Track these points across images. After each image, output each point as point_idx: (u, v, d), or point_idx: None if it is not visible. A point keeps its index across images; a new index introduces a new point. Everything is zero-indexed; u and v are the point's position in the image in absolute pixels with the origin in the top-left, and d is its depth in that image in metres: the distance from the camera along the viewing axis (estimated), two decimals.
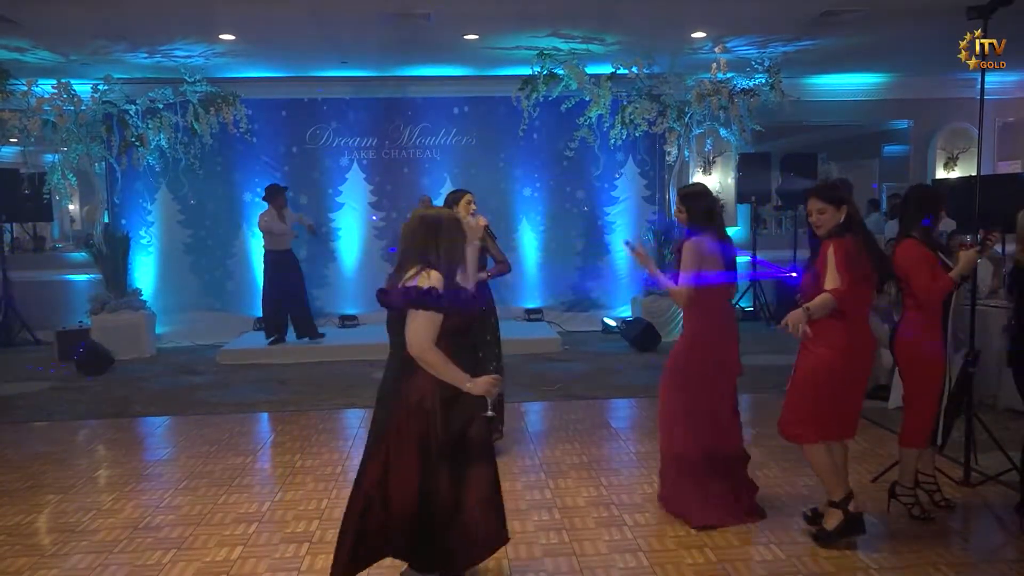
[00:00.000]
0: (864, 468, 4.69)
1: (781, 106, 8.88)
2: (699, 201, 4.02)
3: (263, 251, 8.89)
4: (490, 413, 2.88)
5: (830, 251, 3.59)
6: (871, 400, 6.22)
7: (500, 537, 2.99)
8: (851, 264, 3.54)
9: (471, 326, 2.95)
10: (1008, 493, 4.17)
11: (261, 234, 8.85)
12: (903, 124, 11.47)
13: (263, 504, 4.35)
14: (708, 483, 3.95)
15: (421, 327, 2.75)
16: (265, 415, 6.34)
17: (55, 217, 10.93)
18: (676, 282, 3.92)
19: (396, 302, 2.80)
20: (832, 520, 3.67)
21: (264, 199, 8.86)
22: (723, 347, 3.99)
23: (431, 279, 2.77)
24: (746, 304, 10.37)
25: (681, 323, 4.13)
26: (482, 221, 4.81)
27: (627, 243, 4.49)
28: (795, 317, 3.40)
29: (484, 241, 4.84)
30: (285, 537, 3.91)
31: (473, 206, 4.87)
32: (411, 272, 2.82)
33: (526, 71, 8.76)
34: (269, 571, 3.54)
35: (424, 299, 2.73)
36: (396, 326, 2.85)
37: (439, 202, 8.65)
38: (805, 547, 3.65)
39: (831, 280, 3.54)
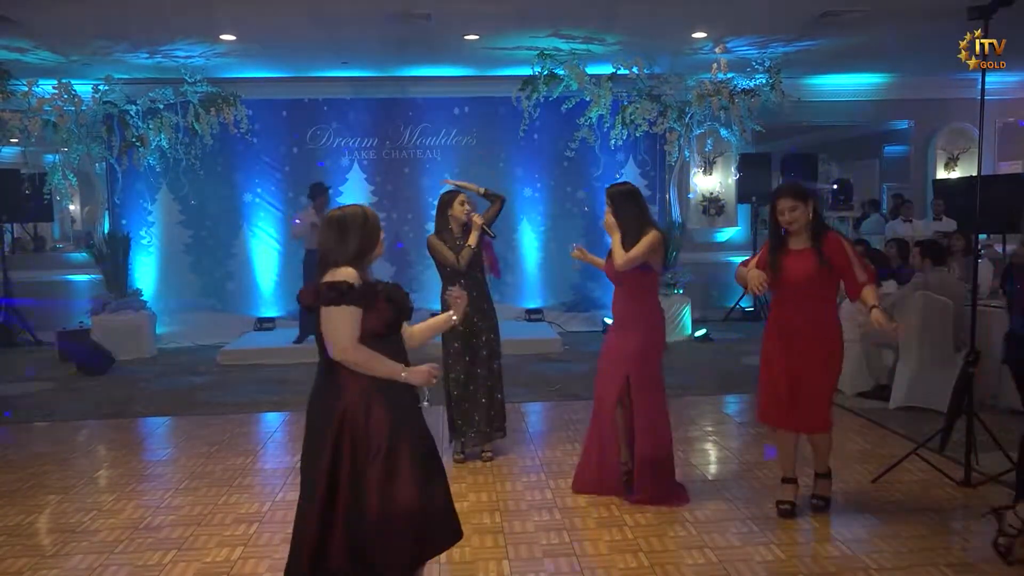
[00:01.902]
0: (864, 468, 4.68)
1: (781, 106, 8.88)
2: (632, 202, 4.15)
3: (303, 251, 8.74)
4: (425, 404, 2.77)
5: (844, 245, 3.77)
6: (871, 400, 6.24)
7: (423, 550, 2.68)
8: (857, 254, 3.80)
9: (394, 326, 2.72)
10: (1009, 493, 4.16)
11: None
12: (903, 124, 11.47)
13: (264, 504, 4.35)
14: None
15: (339, 324, 2.56)
16: (265, 415, 6.34)
17: (56, 217, 10.92)
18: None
19: (307, 299, 2.64)
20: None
21: (309, 196, 8.90)
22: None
23: (342, 274, 2.60)
24: (746, 304, 10.37)
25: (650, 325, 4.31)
26: (477, 220, 4.83)
27: (573, 248, 4.57)
28: (883, 320, 3.61)
29: (474, 241, 4.84)
30: (286, 537, 3.87)
31: (467, 206, 4.89)
32: (327, 274, 2.65)
33: (526, 71, 8.76)
34: (270, 571, 3.54)
35: (333, 292, 2.56)
36: (318, 332, 2.65)
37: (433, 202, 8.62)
38: (805, 547, 3.65)
39: (861, 272, 3.72)
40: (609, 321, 9.74)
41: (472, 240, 4.83)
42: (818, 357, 3.79)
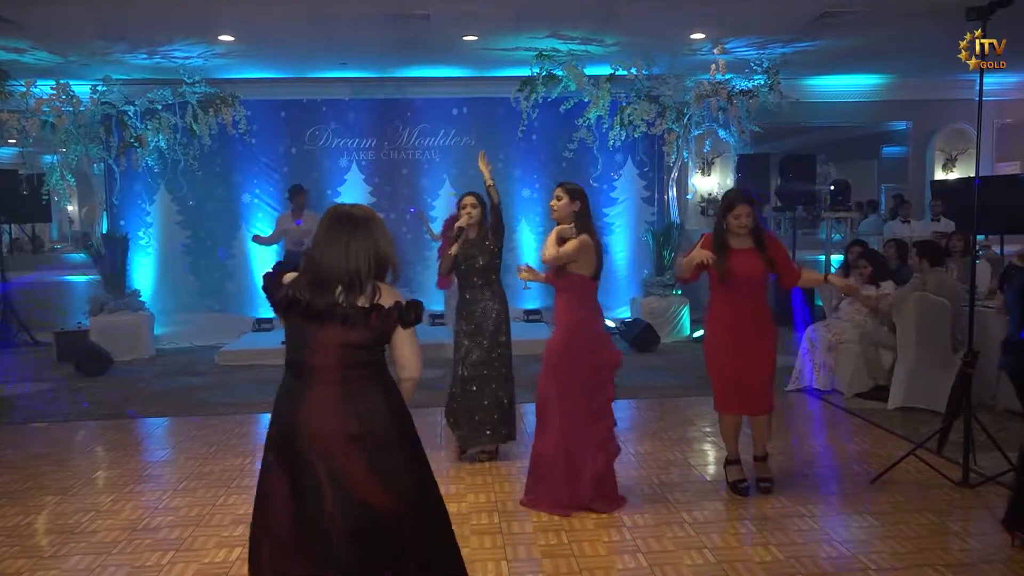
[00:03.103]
0: (863, 469, 4.69)
1: (780, 107, 8.87)
2: (585, 200, 4.18)
3: (284, 252, 8.85)
4: None
5: (780, 244, 4.38)
6: (869, 401, 6.25)
7: None
8: None
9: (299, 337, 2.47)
10: (1008, 494, 4.17)
11: (268, 234, 8.86)
12: (902, 125, 11.48)
13: None
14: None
15: (416, 344, 2.57)
16: (264, 416, 6.32)
17: (54, 218, 10.93)
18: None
19: (389, 322, 2.50)
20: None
21: (288, 198, 9.00)
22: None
23: (390, 291, 2.50)
24: None
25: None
26: (462, 222, 4.87)
27: (519, 267, 4.44)
28: (841, 282, 4.47)
29: (455, 250, 4.85)
30: None
31: (469, 210, 4.89)
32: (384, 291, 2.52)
33: (525, 72, 8.76)
34: None
35: (414, 314, 2.50)
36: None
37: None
38: (805, 548, 3.65)
39: (794, 264, 4.36)
40: (609, 323, 9.82)
41: (453, 249, 4.87)
42: (762, 346, 4.21)
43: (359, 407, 2.41)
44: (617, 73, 8.71)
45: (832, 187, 11.29)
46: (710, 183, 10.65)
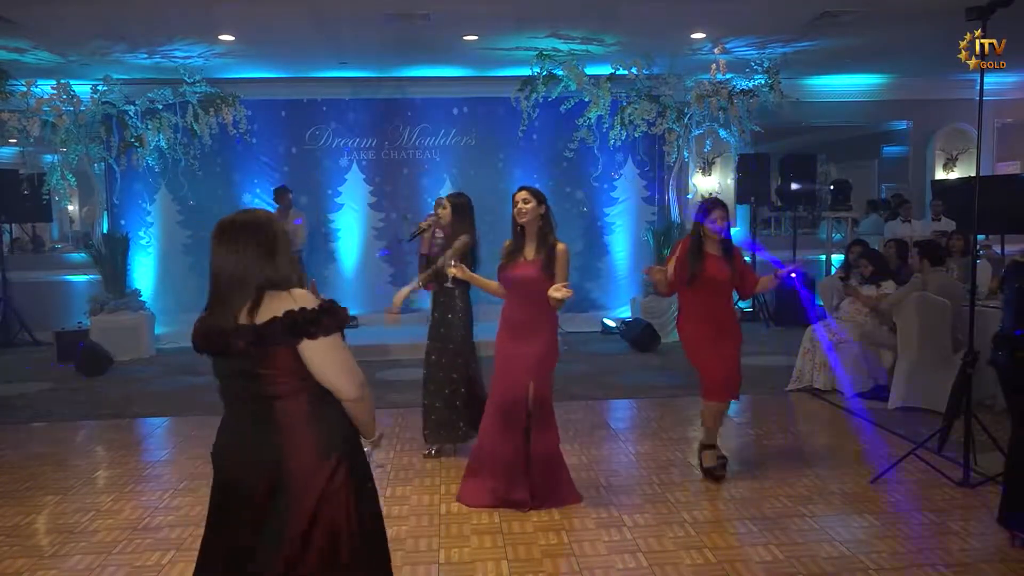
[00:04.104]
0: (864, 469, 4.68)
1: (780, 107, 8.89)
2: (548, 203, 4.31)
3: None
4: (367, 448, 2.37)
5: (742, 258, 4.67)
6: (871, 400, 6.24)
7: None
8: None
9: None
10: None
11: None
12: (902, 125, 11.48)
13: None
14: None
15: (346, 354, 2.15)
16: None
17: (54, 218, 10.92)
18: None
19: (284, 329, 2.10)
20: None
21: (274, 200, 9.06)
22: None
23: (303, 295, 2.11)
24: (745, 305, 10.37)
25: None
26: (424, 223, 5.00)
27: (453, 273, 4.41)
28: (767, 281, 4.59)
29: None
30: None
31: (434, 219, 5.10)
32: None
33: (525, 72, 8.76)
34: None
35: (331, 318, 2.13)
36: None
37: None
38: (805, 547, 3.65)
39: (753, 273, 4.68)
40: (609, 322, 9.83)
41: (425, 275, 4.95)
42: (731, 339, 4.53)
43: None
44: (617, 73, 8.71)
45: (832, 187, 11.30)
46: (710, 183, 10.64)
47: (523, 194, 4.18)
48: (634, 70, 8.61)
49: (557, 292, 3.86)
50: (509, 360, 4.15)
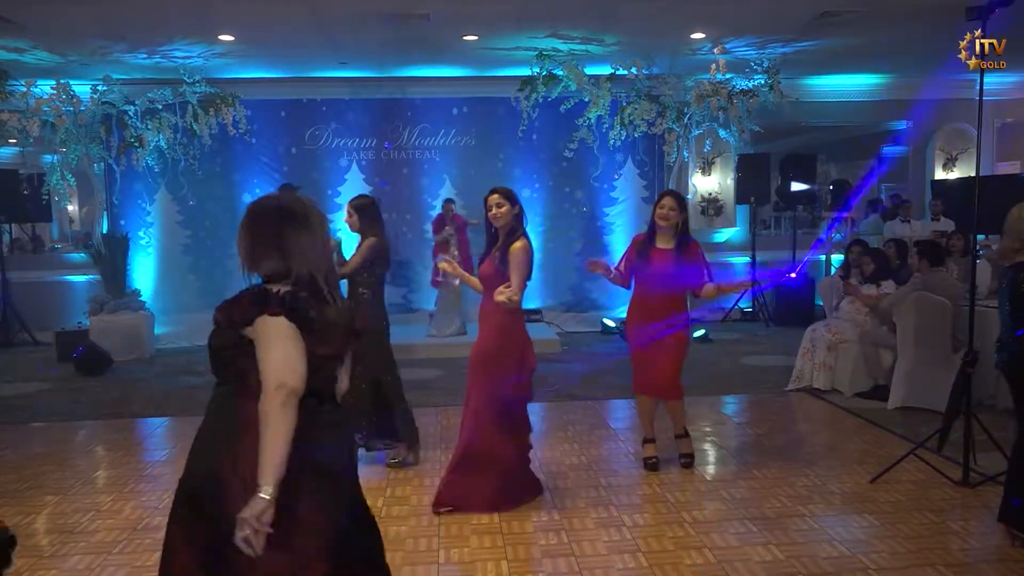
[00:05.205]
0: (863, 469, 4.68)
1: (780, 107, 8.89)
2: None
3: None
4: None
5: (699, 250, 4.59)
6: (869, 400, 6.25)
7: None
8: None
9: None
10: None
11: None
12: (902, 125, 11.48)
13: None
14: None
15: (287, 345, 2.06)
16: None
17: (54, 218, 10.93)
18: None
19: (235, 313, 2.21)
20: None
21: None
22: None
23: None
24: (745, 305, 10.37)
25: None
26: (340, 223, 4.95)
27: (441, 259, 4.48)
28: (715, 291, 4.52)
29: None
30: None
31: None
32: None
33: (525, 72, 8.77)
34: None
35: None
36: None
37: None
38: (804, 547, 3.65)
39: (708, 274, 4.55)
40: (609, 322, 9.83)
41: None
42: (669, 339, 4.48)
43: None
44: (617, 73, 8.72)
45: (832, 187, 11.30)
46: (710, 183, 10.64)
47: (496, 197, 4.04)
48: (634, 70, 8.61)
49: (500, 295, 3.85)
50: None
